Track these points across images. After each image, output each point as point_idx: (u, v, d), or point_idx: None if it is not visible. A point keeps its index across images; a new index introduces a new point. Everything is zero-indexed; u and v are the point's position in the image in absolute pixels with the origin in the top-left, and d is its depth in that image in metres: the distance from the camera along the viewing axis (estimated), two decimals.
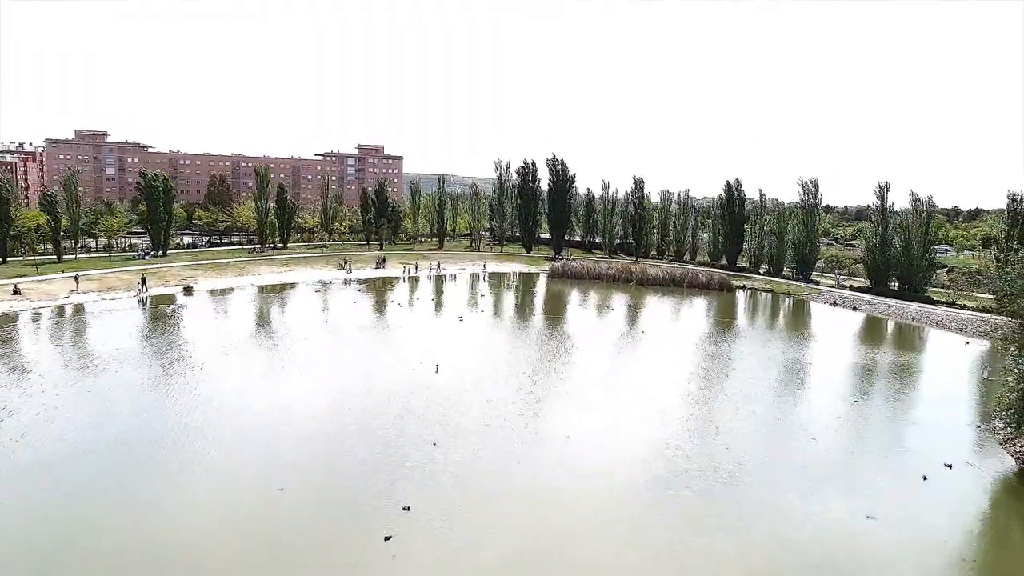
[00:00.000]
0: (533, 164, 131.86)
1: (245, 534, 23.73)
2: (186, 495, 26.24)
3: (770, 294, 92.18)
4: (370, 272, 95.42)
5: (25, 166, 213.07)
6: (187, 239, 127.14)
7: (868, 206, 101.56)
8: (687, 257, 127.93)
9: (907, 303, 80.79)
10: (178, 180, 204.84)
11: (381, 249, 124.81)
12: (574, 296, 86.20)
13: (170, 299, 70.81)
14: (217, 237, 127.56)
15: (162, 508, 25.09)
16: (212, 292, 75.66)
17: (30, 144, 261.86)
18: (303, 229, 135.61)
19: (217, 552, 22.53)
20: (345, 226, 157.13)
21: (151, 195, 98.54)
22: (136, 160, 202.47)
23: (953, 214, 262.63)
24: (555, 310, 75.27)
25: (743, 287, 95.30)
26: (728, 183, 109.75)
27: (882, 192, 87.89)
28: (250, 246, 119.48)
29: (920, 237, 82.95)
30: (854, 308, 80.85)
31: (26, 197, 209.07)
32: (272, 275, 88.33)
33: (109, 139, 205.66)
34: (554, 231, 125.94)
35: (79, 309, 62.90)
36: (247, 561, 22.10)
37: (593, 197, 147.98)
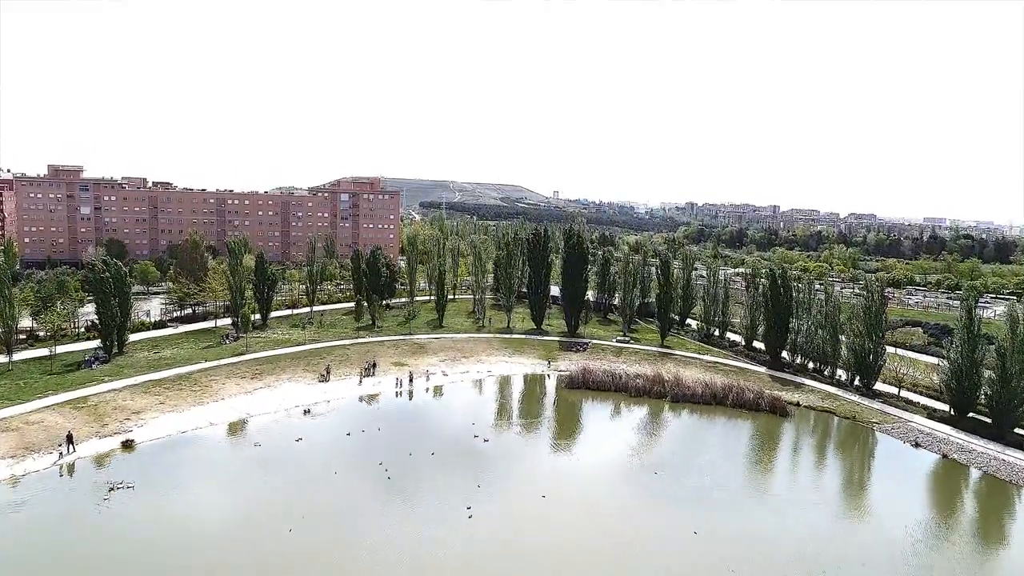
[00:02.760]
0: (545, 231, 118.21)
1: None
2: None
3: (831, 418, 77.78)
4: (356, 387, 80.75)
5: (1, 195, 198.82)
6: (155, 308, 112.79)
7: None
8: (717, 332, 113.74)
9: (1009, 450, 66.53)
10: (159, 219, 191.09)
11: (373, 322, 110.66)
12: (597, 429, 72.13)
13: (104, 459, 56.66)
14: (191, 308, 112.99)
15: None
16: (159, 444, 61.08)
17: (7, 171, 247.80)
18: (285, 305, 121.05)
19: None
20: (334, 285, 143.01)
21: (99, 289, 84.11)
22: (113, 198, 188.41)
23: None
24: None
25: (797, 404, 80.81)
26: (772, 270, 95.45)
27: (970, 306, 73.41)
28: (225, 321, 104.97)
29: (1021, 362, 68.47)
30: (944, 456, 66.44)
31: (1, 228, 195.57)
32: (240, 397, 73.78)
33: (85, 175, 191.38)
34: (569, 307, 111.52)
35: None
36: None
37: (608, 260, 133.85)
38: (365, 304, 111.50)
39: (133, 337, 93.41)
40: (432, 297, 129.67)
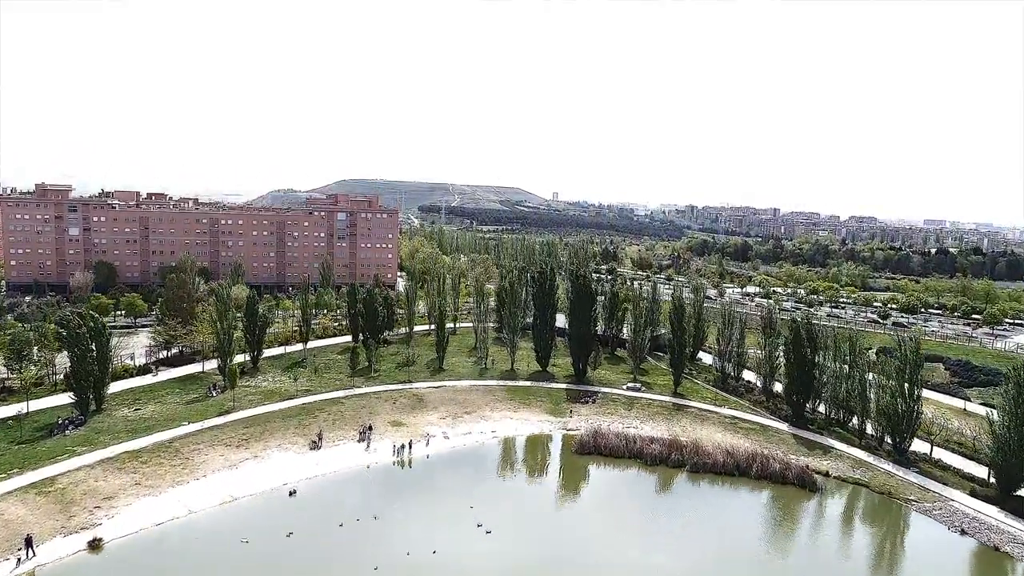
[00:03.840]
0: (551, 270, 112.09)
1: None
2: None
3: (864, 494, 71.92)
4: (350, 456, 74.71)
5: None
6: (142, 343, 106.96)
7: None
8: (732, 370, 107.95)
9: None
10: (150, 240, 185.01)
11: (369, 365, 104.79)
12: (611, 515, 66.36)
13: (67, 570, 50.68)
14: (179, 349, 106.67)
15: None
16: (131, 542, 55.11)
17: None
18: (278, 342, 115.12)
19: None
20: (330, 318, 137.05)
21: (75, 345, 78.16)
22: (103, 219, 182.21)
23: None
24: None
25: (826, 474, 74.93)
26: (795, 321, 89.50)
27: (1019, 377, 67.39)
28: (213, 364, 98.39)
29: None
30: (996, 548, 60.61)
31: None
32: (224, 473, 67.78)
33: (76, 189, 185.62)
34: (576, 349, 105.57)
35: None
36: None
37: (617, 295, 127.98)
38: (362, 345, 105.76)
39: (114, 387, 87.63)
40: (432, 327, 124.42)
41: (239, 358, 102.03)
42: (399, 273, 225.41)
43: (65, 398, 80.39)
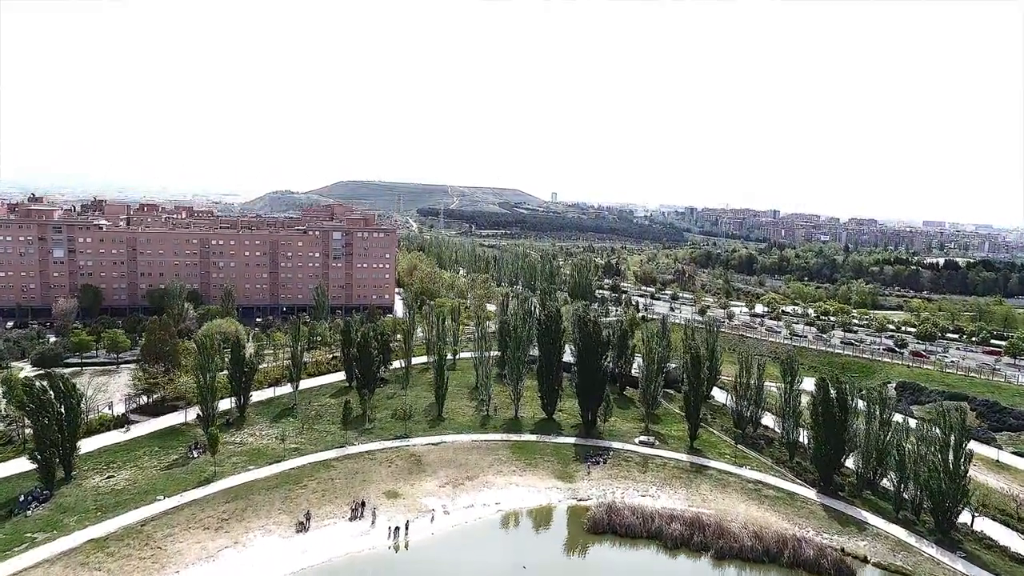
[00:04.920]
0: (557, 311, 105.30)
1: None
2: None
3: None
4: (342, 539, 67.77)
5: None
6: (123, 384, 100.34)
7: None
8: (750, 416, 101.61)
9: None
10: (138, 261, 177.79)
11: (364, 413, 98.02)
12: None
13: None
14: (160, 395, 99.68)
15: None
16: None
17: None
18: (268, 382, 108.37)
19: None
20: (323, 353, 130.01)
21: (38, 415, 71.30)
22: (89, 240, 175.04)
23: None
24: None
25: (864, 559, 68.21)
26: (823, 379, 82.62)
27: None
28: (196, 415, 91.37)
29: None
30: None
31: None
32: (199, 567, 60.88)
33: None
34: (584, 400, 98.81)
35: None
36: None
37: (627, 333, 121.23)
38: (355, 391, 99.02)
39: (87, 444, 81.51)
40: (431, 360, 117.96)
41: (225, 403, 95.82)
42: (396, 289, 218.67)
43: (32, 466, 73.48)
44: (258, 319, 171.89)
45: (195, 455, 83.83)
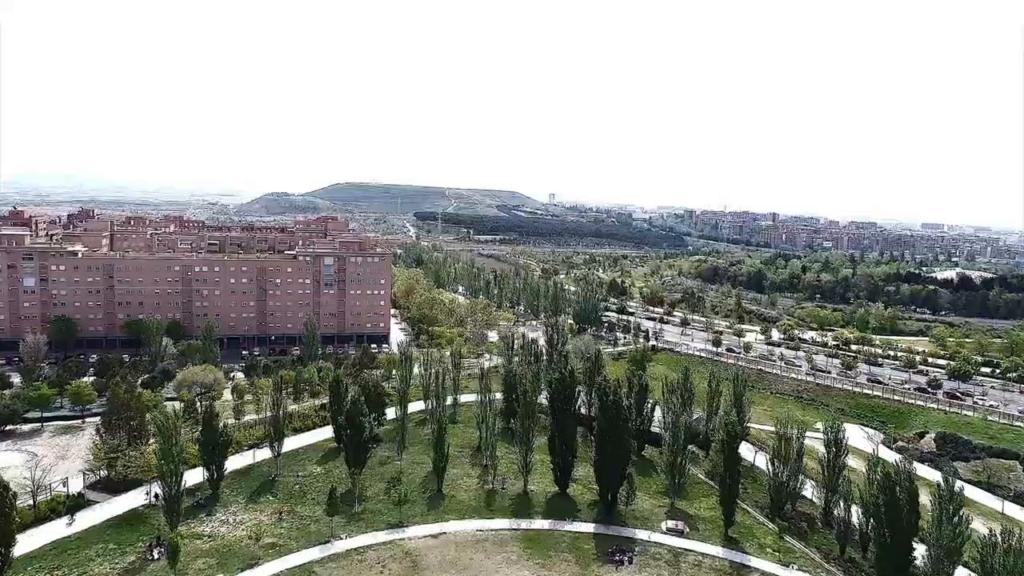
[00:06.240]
0: (571, 374, 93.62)
1: None
2: None
3: None
4: None
5: None
6: (84, 446, 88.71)
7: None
8: (790, 487, 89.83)
9: None
10: (116, 290, 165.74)
11: (353, 484, 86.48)
12: None
13: None
14: (123, 471, 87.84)
15: None
16: None
17: None
18: (247, 444, 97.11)
19: None
20: (309, 404, 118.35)
21: None
22: (62, 268, 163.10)
23: None
24: None
25: None
26: (888, 477, 70.93)
27: None
28: (160, 493, 79.75)
29: None
30: None
31: None
32: None
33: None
34: (604, 484, 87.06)
35: None
36: None
37: (645, 388, 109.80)
38: (343, 458, 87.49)
39: (28, 541, 70.30)
40: (429, 406, 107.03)
41: (197, 475, 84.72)
42: (392, 311, 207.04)
43: None
44: (244, 351, 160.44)
45: (155, 556, 72.17)
